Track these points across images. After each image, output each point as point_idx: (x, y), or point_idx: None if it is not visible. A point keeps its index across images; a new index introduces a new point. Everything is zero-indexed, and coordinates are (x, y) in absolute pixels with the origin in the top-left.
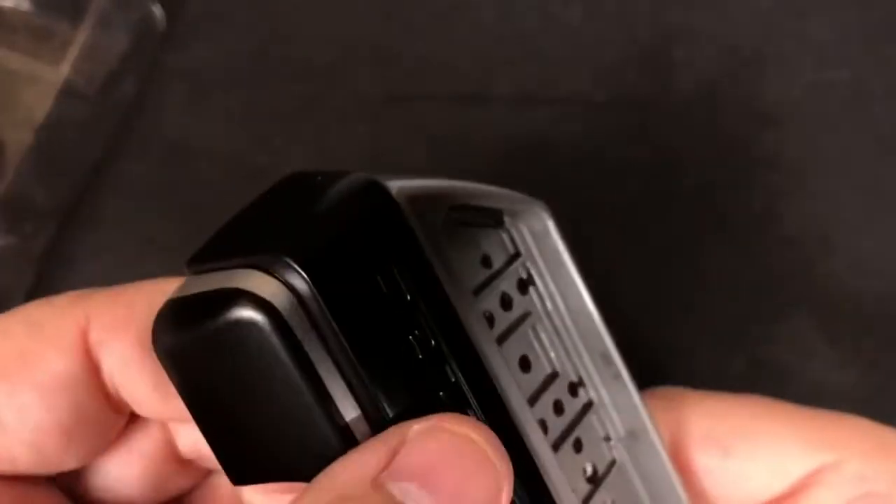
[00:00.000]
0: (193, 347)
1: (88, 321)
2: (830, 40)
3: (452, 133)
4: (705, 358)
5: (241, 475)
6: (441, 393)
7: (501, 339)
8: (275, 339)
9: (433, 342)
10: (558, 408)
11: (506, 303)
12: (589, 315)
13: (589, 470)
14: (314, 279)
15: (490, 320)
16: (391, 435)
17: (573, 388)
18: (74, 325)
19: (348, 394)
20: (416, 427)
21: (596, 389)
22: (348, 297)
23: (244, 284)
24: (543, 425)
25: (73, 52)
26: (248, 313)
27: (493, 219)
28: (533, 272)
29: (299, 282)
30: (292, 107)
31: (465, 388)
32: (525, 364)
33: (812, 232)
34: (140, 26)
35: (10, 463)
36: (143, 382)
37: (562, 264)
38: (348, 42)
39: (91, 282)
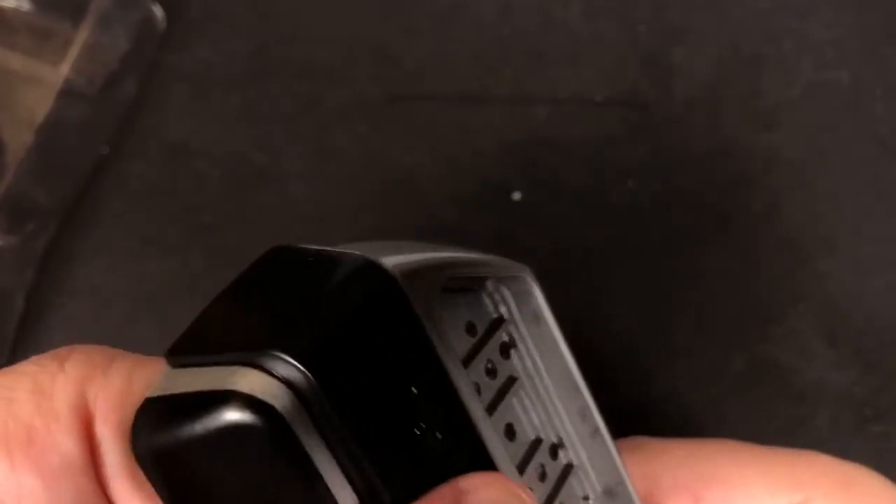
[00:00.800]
0: (181, 452)
1: (96, 405)
2: (830, 41)
3: (452, 133)
4: (705, 358)
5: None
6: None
7: (490, 410)
8: (275, 444)
9: (438, 435)
10: (542, 474)
11: (490, 371)
12: (568, 372)
13: None
14: (316, 375)
15: (478, 391)
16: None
17: (554, 451)
18: (83, 404)
19: (352, 494)
20: (474, 480)
21: (575, 449)
22: (352, 392)
23: (238, 384)
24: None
25: (73, 53)
26: (244, 416)
27: (477, 283)
28: (515, 335)
29: (299, 378)
30: (292, 107)
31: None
32: (510, 433)
33: (812, 232)
34: (140, 27)
35: None
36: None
37: (543, 323)
38: (348, 42)
39: (92, 282)
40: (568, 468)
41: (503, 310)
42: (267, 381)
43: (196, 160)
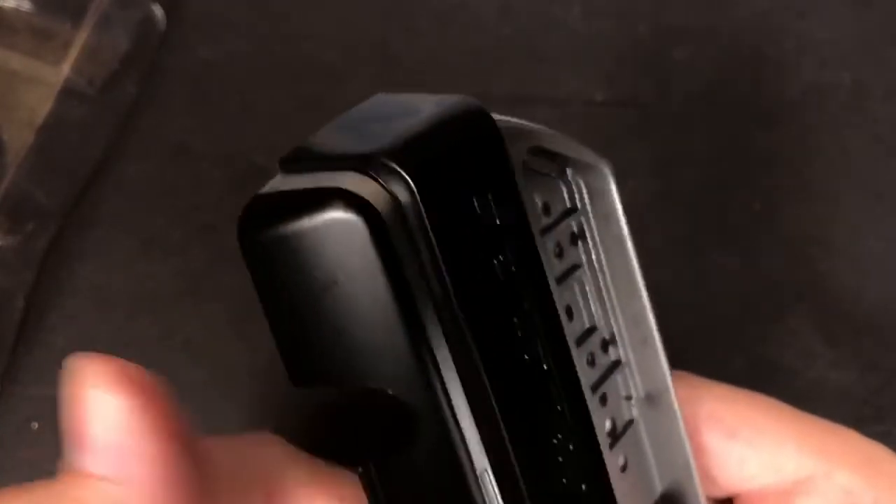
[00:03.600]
0: (285, 241)
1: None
2: (830, 41)
3: None
4: (704, 358)
5: (303, 376)
6: (515, 319)
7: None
8: (371, 242)
9: (513, 268)
10: (591, 361)
11: (558, 254)
12: (630, 275)
13: (608, 426)
14: (418, 187)
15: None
16: None
17: (605, 345)
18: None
19: (430, 306)
20: None
21: (625, 349)
22: (446, 211)
23: (343, 184)
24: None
25: (73, 53)
26: (348, 213)
27: (558, 169)
28: (585, 227)
29: (401, 189)
30: (292, 107)
31: (536, 318)
32: (569, 314)
33: (811, 232)
34: (141, 27)
35: None
36: None
37: (614, 222)
38: (349, 42)
39: (91, 282)
40: (616, 364)
41: (578, 200)
42: (369, 184)
43: (196, 160)
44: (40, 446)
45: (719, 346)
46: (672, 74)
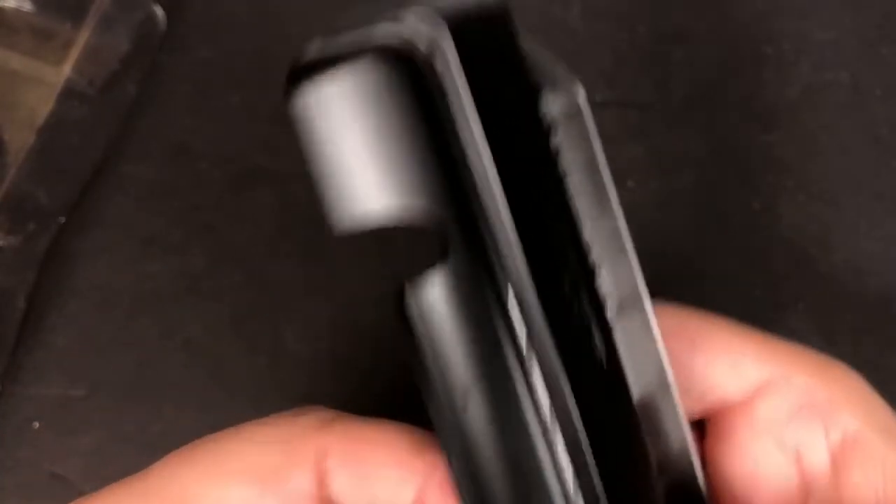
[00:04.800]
0: (327, 92)
1: (327, 451)
2: (829, 41)
3: None
4: None
5: (341, 220)
6: (525, 165)
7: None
8: (408, 83)
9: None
10: (565, 259)
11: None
12: (603, 188)
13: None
14: (457, 39)
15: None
16: None
17: (581, 256)
18: (317, 451)
19: (459, 140)
20: None
21: (601, 255)
22: (479, 69)
23: (380, 31)
24: None
25: (74, 53)
26: (389, 62)
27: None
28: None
29: (445, 35)
30: None
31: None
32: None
33: (811, 232)
34: (141, 27)
35: None
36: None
37: (586, 135)
38: None
39: (92, 282)
40: (591, 266)
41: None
42: (410, 27)
43: (197, 160)
44: (41, 446)
45: None
46: (671, 75)
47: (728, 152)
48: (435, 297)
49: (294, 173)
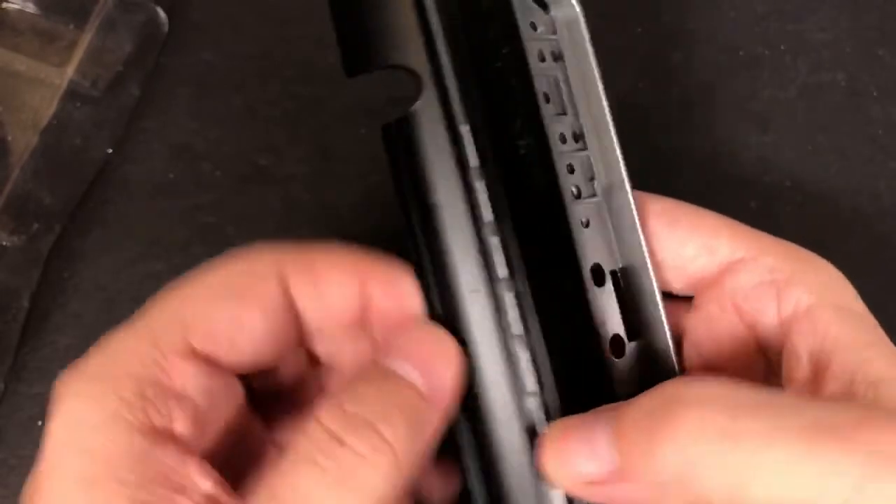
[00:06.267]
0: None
1: (285, 268)
2: (825, 42)
3: None
4: None
5: (353, 67)
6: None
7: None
8: None
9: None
10: (562, 138)
11: (541, 57)
12: (594, 86)
13: (574, 190)
14: None
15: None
16: None
17: (575, 136)
18: (277, 270)
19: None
20: None
21: (590, 142)
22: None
23: None
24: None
25: (77, 55)
26: None
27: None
28: (563, 50)
29: None
30: (293, 108)
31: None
32: (546, 98)
33: (808, 232)
34: (144, 29)
35: (239, 360)
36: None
37: (584, 52)
38: None
39: (96, 282)
40: (583, 149)
41: (556, 28)
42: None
43: (199, 161)
44: None
45: None
46: (670, 76)
47: (726, 153)
48: (408, 129)
49: (294, 174)
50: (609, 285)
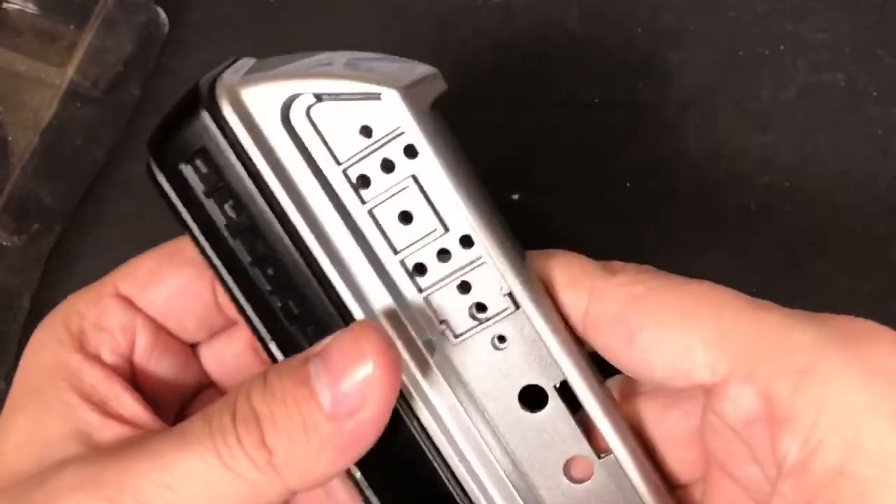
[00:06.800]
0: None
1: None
2: (825, 43)
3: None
4: None
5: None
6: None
7: (375, 197)
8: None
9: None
10: (444, 255)
11: (387, 167)
12: (450, 189)
13: (474, 309)
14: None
15: (365, 181)
16: None
17: (465, 242)
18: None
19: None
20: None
21: (486, 248)
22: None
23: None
24: (419, 266)
25: (78, 55)
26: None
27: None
28: (416, 144)
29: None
30: None
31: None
32: (406, 218)
33: (807, 232)
34: (144, 30)
35: (154, 304)
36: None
37: (444, 143)
38: (349, 45)
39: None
40: (479, 259)
41: (403, 121)
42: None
43: None
44: None
45: None
46: (668, 76)
47: (725, 153)
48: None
49: None
50: None
